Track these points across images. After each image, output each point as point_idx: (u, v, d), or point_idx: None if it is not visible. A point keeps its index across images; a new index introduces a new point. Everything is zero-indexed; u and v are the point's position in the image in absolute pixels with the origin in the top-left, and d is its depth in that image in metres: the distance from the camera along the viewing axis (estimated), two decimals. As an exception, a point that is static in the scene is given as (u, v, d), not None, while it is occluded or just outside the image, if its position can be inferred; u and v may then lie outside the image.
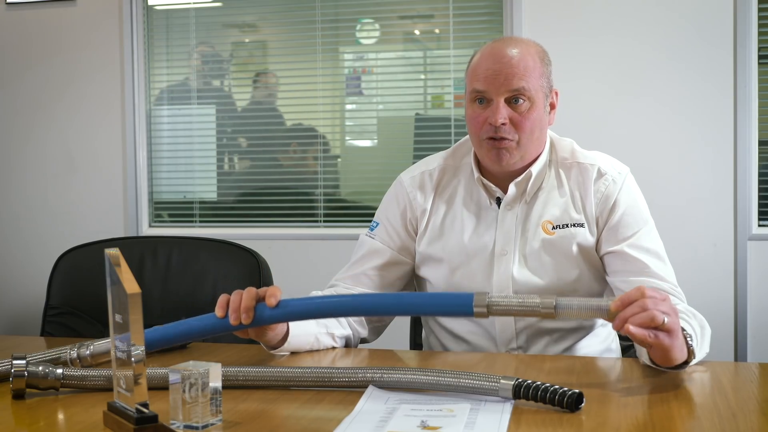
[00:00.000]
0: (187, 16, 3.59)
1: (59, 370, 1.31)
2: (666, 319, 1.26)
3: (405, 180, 1.81)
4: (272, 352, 1.55)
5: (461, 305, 1.33)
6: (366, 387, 1.29)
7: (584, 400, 1.19)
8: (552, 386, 1.19)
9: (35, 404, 1.28)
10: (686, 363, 1.36)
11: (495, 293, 1.66)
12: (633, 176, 1.73)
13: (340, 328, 1.66)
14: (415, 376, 1.28)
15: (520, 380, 1.20)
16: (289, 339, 1.53)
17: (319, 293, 1.67)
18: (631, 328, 1.25)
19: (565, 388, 1.18)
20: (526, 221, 1.70)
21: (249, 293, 1.41)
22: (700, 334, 1.45)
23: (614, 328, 1.28)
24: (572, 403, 1.17)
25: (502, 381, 1.21)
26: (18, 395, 1.30)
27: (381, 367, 1.33)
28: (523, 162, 1.69)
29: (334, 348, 1.65)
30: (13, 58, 3.64)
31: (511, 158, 1.66)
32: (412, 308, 1.54)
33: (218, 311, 1.41)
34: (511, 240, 1.69)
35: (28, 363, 1.30)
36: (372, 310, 1.52)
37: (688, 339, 1.35)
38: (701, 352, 1.44)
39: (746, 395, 1.28)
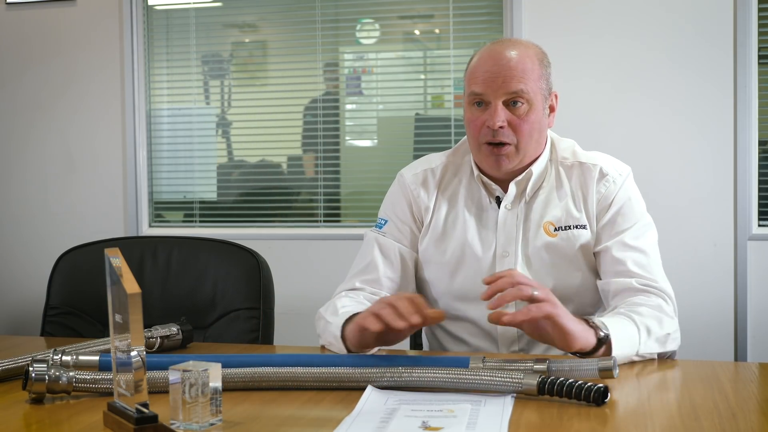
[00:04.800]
0: (187, 16, 3.59)
1: (71, 373, 1.29)
2: (535, 292, 1.30)
3: (407, 176, 1.79)
4: (372, 352, 1.50)
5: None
6: (367, 386, 1.29)
7: (609, 394, 1.21)
8: (576, 381, 1.20)
9: (36, 404, 1.28)
10: (602, 343, 1.38)
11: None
12: (633, 176, 1.73)
13: None
14: (430, 375, 1.27)
15: (543, 377, 1.22)
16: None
17: (348, 300, 1.65)
18: (505, 319, 1.28)
19: (590, 383, 1.20)
20: (526, 222, 1.69)
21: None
22: (657, 326, 1.48)
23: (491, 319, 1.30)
24: (599, 397, 1.19)
25: (525, 379, 1.22)
26: (37, 400, 1.28)
27: (389, 367, 1.31)
28: (522, 164, 1.69)
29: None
30: (13, 58, 3.64)
31: (510, 163, 1.66)
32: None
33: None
34: (512, 241, 1.69)
35: (50, 366, 1.28)
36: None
37: (590, 322, 1.38)
38: (648, 341, 1.46)
39: (746, 395, 1.28)
